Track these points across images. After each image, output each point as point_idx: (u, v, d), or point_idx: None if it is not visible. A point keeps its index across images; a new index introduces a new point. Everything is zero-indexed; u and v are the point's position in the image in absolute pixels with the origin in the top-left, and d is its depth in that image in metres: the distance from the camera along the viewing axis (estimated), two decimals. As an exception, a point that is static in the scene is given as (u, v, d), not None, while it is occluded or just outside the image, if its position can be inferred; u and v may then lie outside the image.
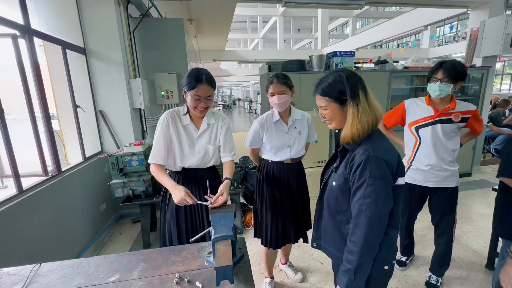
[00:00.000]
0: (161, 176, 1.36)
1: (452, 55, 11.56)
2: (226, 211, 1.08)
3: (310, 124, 1.76)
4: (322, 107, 0.97)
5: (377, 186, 0.84)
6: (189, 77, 1.32)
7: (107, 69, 2.85)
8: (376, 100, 0.92)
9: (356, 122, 0.88)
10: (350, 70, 0.94)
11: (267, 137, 1.67)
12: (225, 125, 1.52)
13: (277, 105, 1.59)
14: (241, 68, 19.16)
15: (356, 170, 0.87)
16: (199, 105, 1.34)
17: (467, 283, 1.94)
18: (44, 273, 1.02)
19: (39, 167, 2.04)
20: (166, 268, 1.03)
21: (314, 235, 1.14)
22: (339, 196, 0.95)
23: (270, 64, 3.30)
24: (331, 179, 0.99)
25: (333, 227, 1.00)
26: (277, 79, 1.57)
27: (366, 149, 0.87)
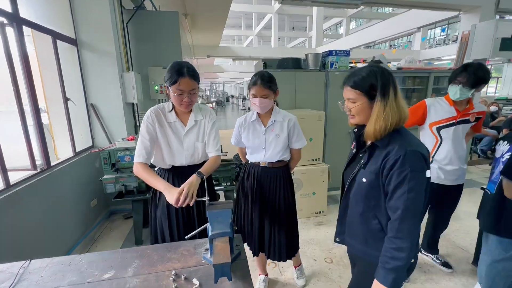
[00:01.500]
0: (149, 178, 1.27)
1: (443, 58, 11.83)
2: (224, 208, 1.07)
3: (292, 128, 1.60)
4: (350, 100, 0.95)
5: (418, 180, 0.85)
6: (170, 71, 1.25)
7: (99, 61, 2.78)
8: (404, 101, 0.91)
9: (380, 120, 0.88)
10: (383, 67, 0.93)
11: (244, 135, 1.65)
12: (211, 120, 1.45)
13: (257, 107, 1.53)
14: (235, 65, 19.04)
15: (394, 166, 0.85)
16: (183, 100, 1.28)
17: (455, 278, 1.99)
18: (34, 270, 0.99)
19: (27, 162, 1.98)
20: (162, 265, 1.01)
21: (338, 231, 1.13)
22: (369, 192, 0.94)
23: (265, 62, 3.29)
24: (360, 175, 0.98)
25: (361, 222, 1.00)
26: (261, 82, 1.47)
27: (402, 144, 0.86)
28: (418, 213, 0.87)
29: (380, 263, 0.91)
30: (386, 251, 0.89)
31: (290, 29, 22.07)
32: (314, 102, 3.18)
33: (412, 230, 0.87)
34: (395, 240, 0.87)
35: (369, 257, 0.98)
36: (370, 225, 0.97)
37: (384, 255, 0.90)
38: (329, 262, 2.18)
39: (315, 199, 2.88)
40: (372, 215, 0.96)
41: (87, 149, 2.77)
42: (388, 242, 0.89)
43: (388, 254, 0.88)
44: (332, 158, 3.17)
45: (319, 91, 3.19)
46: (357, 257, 1.06)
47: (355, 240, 1.05)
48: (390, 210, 0.90)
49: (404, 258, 0.86)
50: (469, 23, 4.07)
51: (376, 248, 0.94)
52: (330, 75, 3.16)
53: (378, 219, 0.95)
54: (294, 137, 1.63)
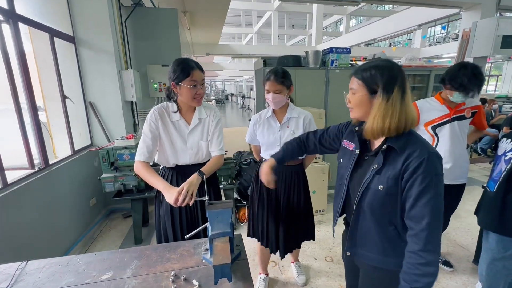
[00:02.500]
0: (149, 177, 1.26)
1: (443, 55, 11.79)
2: (224, 208, 1.05)
3: (307, 125, 1.60)
4: (352, 90, 0.92)
5: (442, 184, 0.80)
6: (178, 67, 1.26)
7: (98, 59, 2.75)
8: (412, 106, 0.86)
9: (379, 117, 0.83)
10: (397, 64, 0.87)
11: (259, 132, 1.65)
12: (216, 118, 1.45)
13: (271, 103, 1.55)
14: (235, 63, 18.97)
15: (417, 169, 0.79)
16: (197, 93, 1.29)
17: (455, 277, 1.99)
18: (31, 271, 0.97)
19: (25, 160, 1.96)
20: (161, 266, 0.99)
21: (349, 244, 1.03)
22: (386, 199, 0.87)
23: (265, 59, 3.26)
24: (376, 182, 0.88)
25: (378, 232, 0.92)
26: (274, 77, 1.49)
27: (423, 147, 0.82)
28: (442, 220, 0.81)
29: (405, 282, 0.82)
30: (413, 267, 0.80)
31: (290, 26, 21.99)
32: (314, 100, 3.16)
33: (439, 239, 0.81)
34: (423, 253, 0.78)
35: (388, 265, 0.92)
36: (387, 233, 0.91)
37: (411, 273, 0.81)
38: (329, 261, 2.17)
39: (315, 198, 2.85)
40: (388, 221, 0.90)
41: (85, 148, 2.75)
42: (413, 257, 0.80)
43: (417, 271, 0.79)
44: (332, 157, 3.15)
45: (319, 89, 3.17)
46: (373, 268, 0.98)
47: (371, 251, 0.96)
48: (412, 220, 0.81)
49: (435, 273, 0.79)
50: (470, 20, 4.05)
51: (394, 255, 0.89)
52: (330, 73, 3.14)
53: (394, 225, 0.89)
54: None
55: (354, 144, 1.01)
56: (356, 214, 0.97)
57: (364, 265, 1.03)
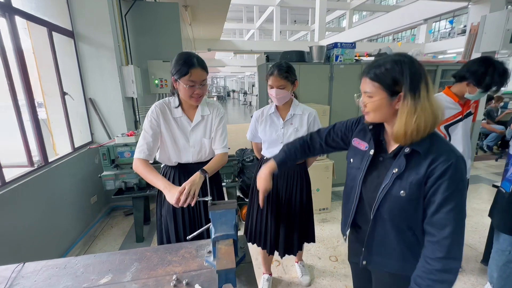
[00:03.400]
0: (148, 175, 1.21)
1: (448, 51, 11.62)
2: (227, 208, 1.00)
3: (312, 122, 1.54)
4: (367, 93, 0.81)
5: (466, 191, 0.77)
6: (178, 63, 1.19)
7: (97, 54, 2.70)
8: (437, 100, 0.77)
9: (411, 121, 0.74)
10: (414, 58, 0.78)
11: (261, 129, 1.60)
12: (219, 115, 1.39)
13: (274, 98, 1.49)
14: (236, 59, 18.84)
15: (443, 175, 0.73)
16: (195, 92, 1.23)
17: (464, 278, 1.94)
18: (27, 274, 0.94)
19: (24, 158, 1.92)
20: (162, 269, 0.95)
21: (365, 253, 0.96)
22: (407, 205, 0.81)
23: (268, 55, 3.19)
24: (397, 188, 0.81)
25: (397, 238, 0.87)
26: (278, 72, 1.42)
27: (450, 150, 0.76)
28: (464, 228, 0.77)
29: (416, 285, 0.79)
30: (429, 272, 0.76)
31: (292, 22, 21.78)
32: (318, 96, 3.09)
33: (462, 248, 0.76)
34: (446, 261, 0.75)
35: (406, 271, 0.87)
36: (406, 238, 0.85)
37: (426, 277, 0.77)
38: (334, 260, 2.13)
39: (319, 196, 2.82)
40: (406, 226, 0.84)
41: (86, 145, 2.71)
42: (432, 263, 0.76)
43: (433, 276, 0.76)
44: (337, 154, 3.08)
45: (324, 85, 3.10)
46: (391, 275, 0.92)
47: (389, 258, 0.90)
48: (434, 226, 0.77)
49: (453, 280, 0.75)
50: (479, 14, 3.94)
51: (413, 260, 0.84)
52: (334, 68, 3.07)
53: (413, 230, 0.84)
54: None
55: (367, 143, 0.94)
56: (374, 222, 0.90)
57: (379, 272, 0.98)
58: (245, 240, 1.12)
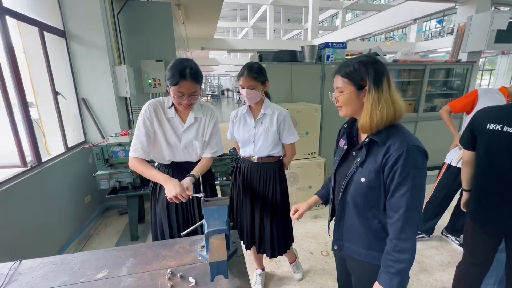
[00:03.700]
0: (146, 171, 1.27)
1: (438, 50, 11.85)
2: (219, 205, 1.05)
3: (282, 122, 1.54)
4: (338, 89, 0.91)
5: (421, 177, 0.82)
6: (171, 71, 1.19)
7: (90, 54, 2.69)
8: (399, 96, 0.87)
9: (376, 111, 0.83)
10: (377, 58, 0.90)
11: (235, 129, 1.65)
12: (212, 119, 1.42)
13: (245, 98, 1.52)
14: (230, 58, 18.80)
15: (396, 162, 0.81)
16: (183, 102, 1.25)
17: (448, 269, 2.03)
18: (24, 271, 0.96)
19: (17, 158, 1.92)
20: (157, 263, 0.99)
21: (335, 237, 1.07)
22: (369, 192, 0.89)
23: (261, 54, 3.23)
24: (358, 175, 0.91)
25: (362, 225, 0.95)
26: (248, 73, 1.44)
27: (403, 140, 0.82)
28: (420, 212, 0.85)
29: (383, 267, 0.87)
30: (388, 254, 0.85)
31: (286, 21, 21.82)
32: (310, 95, 3.15)
33: (415, 230, 0.84)
34: (397, 242, 0.83)
35: (374, 260, 0.94)
36: (371, 226, 0.93)
37: (387, 258, 0.86)
38: (325, 255, 2.19)
39: (311, 193, 2.86)
40: (372, 215, 0.92)
41: (79, 145, 2.71)
42: (390, 245, 0.85)
43: (391, 257, 0.84)
44: (328, 152, 3.17)
45: (315, 84, 3.15)
46: (359, 262, 1.00)
47: (357, 245, 0.98)
48: (390, 209, 0.85)
49: (409, 260, 0.83)
50: (465, 14, 4.05)
51: (380, 249, 0.91)
52: (326, 68, 3.12)
53: (378, 218, 0.92)
54: (285, 131, 1.58)
55: (345, 141, 1.03)
56: (341, 207, 1.01)
57: (350, 260, 1.06)
58: (237, 235, 1.16)
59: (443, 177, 2.17)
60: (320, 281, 1.92)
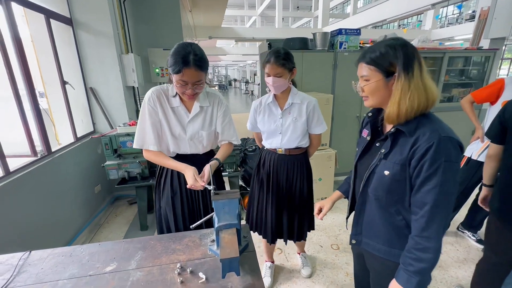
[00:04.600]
0: (163, 161, 1.26)
1: (455, 37, 11.31)
2: (230, 198, 1.00)
3: (311, 111, 1.49)
4: (363, 77, 0.84)
5: (453, 172, 0.74)
6: (173, 57, 1.09)
7: (97, 42, 2.65)
8: (432, 81, 0.78)
9: (405, 99, 0.76)
10: (406, 41, 0.79)
11: (259, 119, 1.57)
12: (221, 108, 1.34)
13: (271, 87, 1.45)
14: (238, 47, 18.51)
15: (425, 154, 0.74)
16: (186, 92, 1.15)
17: (464, 266, 1.96)
18: (34, 262, 0.95)
19: (28, 148, 1.92)
20: (166, 257, 0.96)
21: (353, 231, 1.01)
22: (392, 186, 0.83)
23: (270, 42, 3.12)
24: (381, 167, 0.84)
25: (383, 221, 0.89)
26: (275, 59, 1.37)
27: (434, 130, 0.75)
28: (449, 210, 0.77)
29: (401, 264, 0.82)
30: (409, 251, 0.80)
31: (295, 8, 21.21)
32: (321, 84, 3.04)
33: (441, 228, 0.77)
34: (420, 239, 0.77)
35: (394, 257, 0.89)
36: (393, 223, 0.87)
37: (407, 255, 0.80)
38: (335, 248, 2.15)
39: (321, 185, 2.82)
40: (395, 211, 0.86)
41: (88, 135, 2.71)
42: (411, 242, 0.80)
43: (412, 255, 0.79)
44: (340, 143, 3.08)
45: (327, 73, 3.04)
46: (379, 259, 0.94)
47: (377, 241, 0.93)
48: (415, 205, 0.79)
49: (431, 260, 0.77)
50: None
51: (402, 247, 0.85)
52: (339, 56, 2.99)
53: (402, 215, 0.85)
54: (314, 122, 1.51)
55: (368, 131, 0.96)
56: (361, 200, 0.96)
57: (369, 256, 1.00)
58: (248, 229, 1.12)
59: (462, 171, 2.07)
60: (330, 275, 1.89)
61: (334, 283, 1.81)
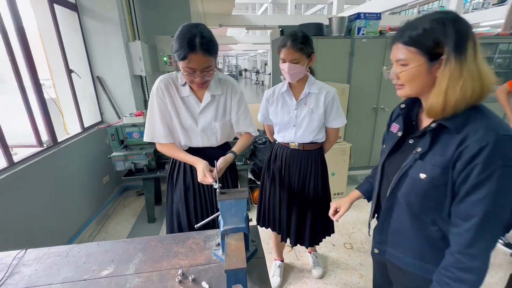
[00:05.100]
0: (175, 153, 1.20)
1: (481, 24, 10.57)
2: (238, 198, 0.90)
3: (330, 102, 1.34)
4: (400, 61, 0.69)
5: (510, 180, 0.60)
6: (178, 41, 0.98)
7: (103, 29, 2.56)
8: (487, 66, 0.63)
9: (456, 89, 0.61)
10: (458, 14, 0.63)
11: (271, 110, 1.44)
12: (235, 96, 1.23)
13: (286, 75, 1.30)
14: (249, 36, 18.12)
15: (475, 157, 0.60)
16: (195, 80, 1.04)
17: (496, 274, 1.81)
18: (28, 262, 0.89)
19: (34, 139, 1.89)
20: (168, 262, 0.88)
21: (377, 239, 0.88)
22: (429, 192, 0.69)
23: (282, 29, 2.94)
24: (416, 169, 0.71)
25: (415, 231, 0.76)
26: (292, 43, 1.22)
27: (489, 127, 0.60)
28: (501, 225, 0.63)
29: (436, 283, 0.69)
30: (446, 269, 0.67)
31: (308, -6, 20.41)
32: (337, 73, 2.85)
33: (490, 246, 0.64)
34: (462, 257, 0.64)
35: (426, 273, 0.76)
36: (427, 233, 0.74)
37: (444, 274, 0.67)
38: (349, 248, 2.05)
39: (334, 180, 2.67)
40: (431, 220, 0.73)
41: (96, 125, 2.67)
42: (450, 258, 0.67)
43: (450, 274, 0.66)
44: (355, 137, 2.91)
45: (343, 61, 2.84)
46: (407, 273, 0.82)
47: (405, 253, 0.80)
48: (458, 216, 0.65)
49: (474, 283, 0.64)
50: (527, -23, 3.43)
51: (435, 262, 0.73)
52: (356, 43, 2.79)
53: (438, 225, 0.72)
54: (332, 114, 1.37)
55: (399, 125, 0.82)
56: (388, 205, 0.82)
57: (395, 268, 0.87)
58: (257, 232, 1.02)
59: None
60: (343, 276, 1.79)
61: (347, 285, 1.71)
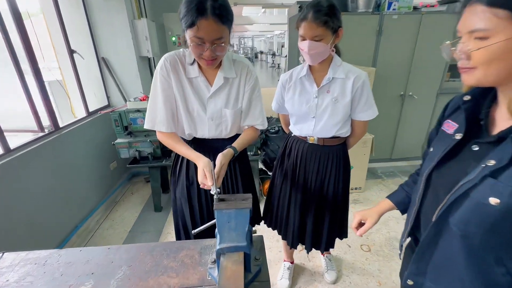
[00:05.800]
0: (176, 145, 1.03)
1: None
2: (239, 207, 0.74)
3: (359, 90, 1.10)
4: (477, 32, 0.48)
5: None
6: (185, 5, 0.82)
7: (106, 5, 2.39)
8: None
9: None
10: None
11: (287, 98, 1.21)
12: (250, 81, 1.06)
13: (306, 55, 1.06)
14: (265, 16, 17.35)
15: None
16: (204, 53, 0.88)
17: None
18: (2, 270, 0.79)
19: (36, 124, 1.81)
20: (154, 280, 0.75)
21: (413, 270, 0.68)
22: (503, 224, 0.49)
23: (301, 5, 2.64)
24: (484, 190, 0.50)
25: (471, 269, 0.56)
26: (314, 15, 0.98)
27: None
28: None
29: None
30: None
31: (330, -31, 19.02)
32: (361, 55, 2.55)
33: None
34: None
35: None
36: (488, 276, 0.55)
37: None
38: (366, 250, 1.87)
39: (352, 174, 2.42)
40: (496, 259, 0.54)
41: (102, 109, 2.57)
42: None
43: None
44: (378, 127, 2.64)
45: (369, 42, 2.52)
46: None
47: None
48: None
49: None
50: None
51: None
52: (385, 19, 2.45)
53: (507, 267, 0.53)
54: (361, 104, 1.14)
55: (458, 124, 0.60)
56: (434, 231, 0.61)
57: None
58: (263, 245, 0.86)
59: None
60: (359, 282, 1.63)
61: (363, 293, 1.56)
